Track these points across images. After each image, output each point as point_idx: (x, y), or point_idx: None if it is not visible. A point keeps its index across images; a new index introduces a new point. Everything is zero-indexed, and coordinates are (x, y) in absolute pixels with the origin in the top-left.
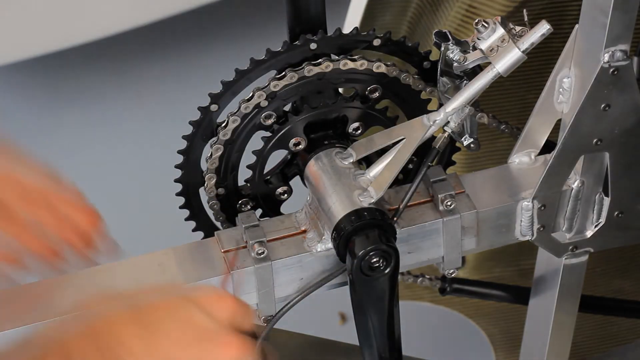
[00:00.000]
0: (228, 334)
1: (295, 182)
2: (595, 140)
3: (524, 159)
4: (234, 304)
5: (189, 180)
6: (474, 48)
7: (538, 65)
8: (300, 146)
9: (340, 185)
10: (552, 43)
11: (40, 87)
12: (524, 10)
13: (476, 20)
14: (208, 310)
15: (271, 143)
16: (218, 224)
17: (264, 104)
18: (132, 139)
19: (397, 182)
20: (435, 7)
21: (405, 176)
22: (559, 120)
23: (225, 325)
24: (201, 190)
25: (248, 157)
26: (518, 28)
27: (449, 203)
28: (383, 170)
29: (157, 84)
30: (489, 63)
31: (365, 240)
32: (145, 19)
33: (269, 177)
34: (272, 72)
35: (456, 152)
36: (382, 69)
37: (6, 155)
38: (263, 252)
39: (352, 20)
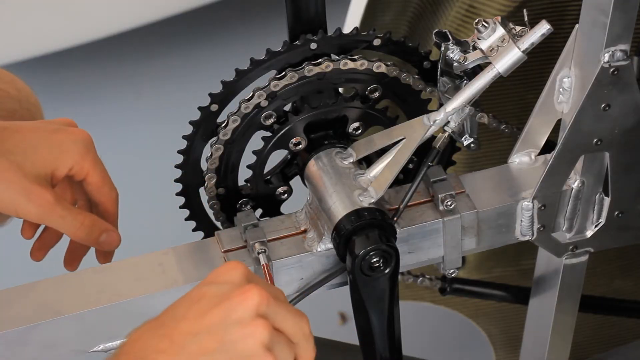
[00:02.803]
0: (242, 286)
1: (295, 182)
2: (595, 140)
3: (524, 159)
4: (239, 264)
5: (189, 180)
6: (474, 48)
7: (538, 65)
8: (300, 146)
9: (341, 185)
10: (552, 43)
11: (40, 87)
12: (524, 10)
13: (476, 20)
14: (217, 281)
15: (271, 143)
16: (218, 224)
17: (264, 103)
18: (132, 138)
19: (397, 182)
20: (435, 7)
21: (405, 176)
22: (559, 120)
23: (238, 282)
24: (201, 190)
25: (248, 157)
26: (518, 28)
27: (449, 203)
28: (383, 170)
29: (157, 83)
30: (489, 63)
31: (366, 240)
32: (145, 19)
33: (269, 177)
34: (272, 72)
35: (456, 152)
36: (382, 68)
37: None
38: (263, 252)
39: (352, 20)
